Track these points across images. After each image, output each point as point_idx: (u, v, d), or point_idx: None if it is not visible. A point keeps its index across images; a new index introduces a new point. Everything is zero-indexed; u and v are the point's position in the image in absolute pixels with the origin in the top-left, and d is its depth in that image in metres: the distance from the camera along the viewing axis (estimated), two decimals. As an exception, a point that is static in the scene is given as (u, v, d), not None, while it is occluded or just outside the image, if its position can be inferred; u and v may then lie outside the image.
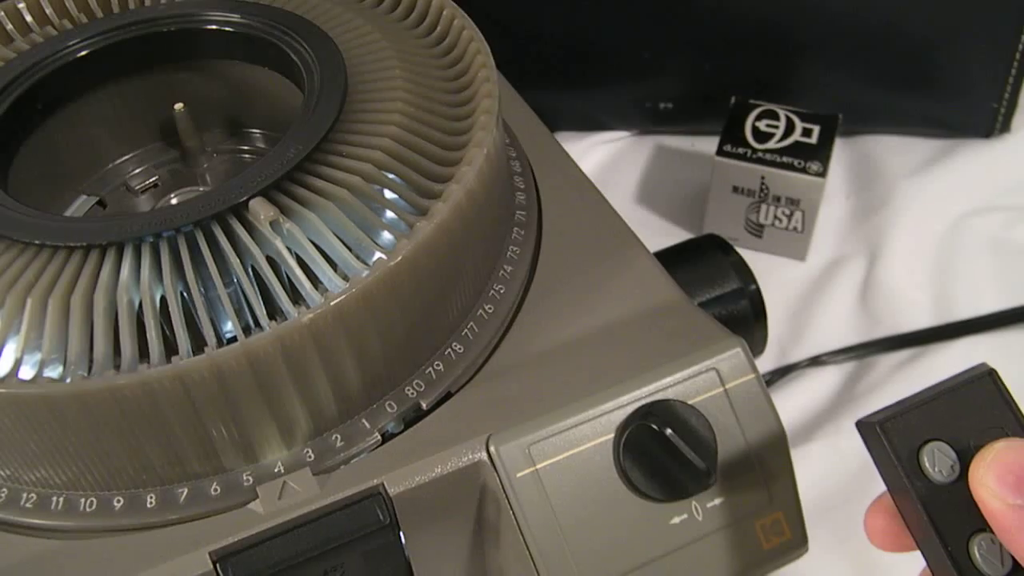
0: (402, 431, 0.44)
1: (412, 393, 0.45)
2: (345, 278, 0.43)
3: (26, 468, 0.42)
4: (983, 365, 0.39)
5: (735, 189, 0.73)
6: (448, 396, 0.46)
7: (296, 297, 0.43)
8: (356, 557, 0.42)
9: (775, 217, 0.74)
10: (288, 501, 0.41)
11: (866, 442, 0.40)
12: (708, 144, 0.84)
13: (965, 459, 0.37)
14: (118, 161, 0.58)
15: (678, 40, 0.79)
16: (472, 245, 0.47)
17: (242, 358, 0.39)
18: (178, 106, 0.56)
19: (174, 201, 0.55)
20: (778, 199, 0.72)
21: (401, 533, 0.43)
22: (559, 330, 0.48)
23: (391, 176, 0.46)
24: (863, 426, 0.40)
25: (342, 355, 0.42)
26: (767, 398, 0.46)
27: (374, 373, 0.44)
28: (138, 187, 0.57)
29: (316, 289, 0.42)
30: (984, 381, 0.39)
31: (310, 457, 0.43)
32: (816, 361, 0.71)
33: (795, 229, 0.74)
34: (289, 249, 0.43)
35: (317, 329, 0.40)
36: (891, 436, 0.38)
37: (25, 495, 0.43)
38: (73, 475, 0.42)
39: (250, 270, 0.43)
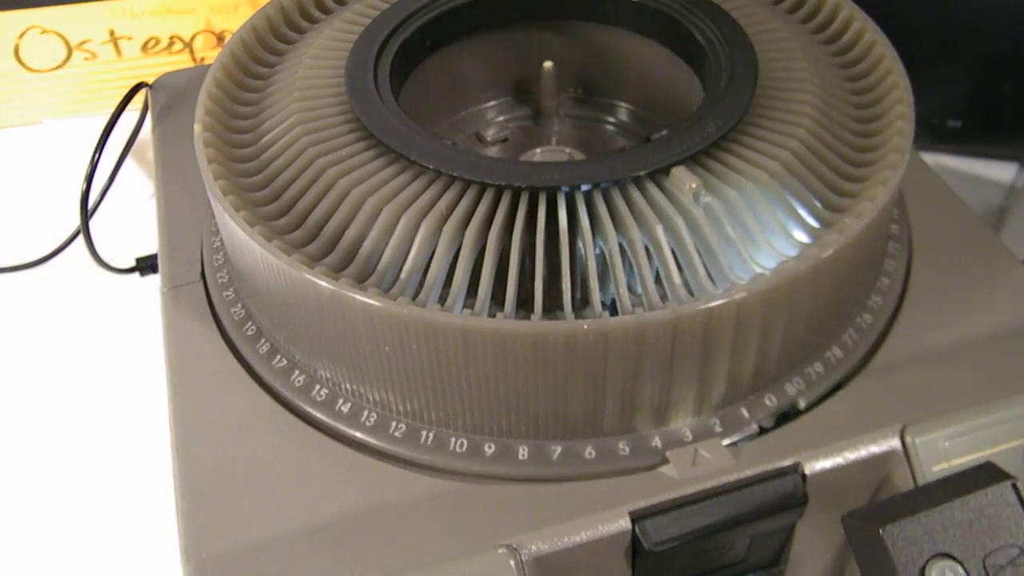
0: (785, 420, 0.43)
1: (815, 373, 0.44)
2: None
3: (431, 407, 0.42)
4: (1003, 474, 0.36)
5: (1039, 205, 0.72)
6: (834, 390, 0.44)
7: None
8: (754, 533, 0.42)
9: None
10: (703, 469, 0.41)
11: (857, 544, 0.35)
12: (985, 168, 0.82)
13: None
14: (471, 109, 0.59)
15: (978, 57, 0.77)
16: (872, 253, 0.46)
17: (697, 317, 0.38)
18: (547, 64, 0.55)
19: (538, 157, 0.55)
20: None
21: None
22: (937, 337, 0.46)
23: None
24: (856, 527, 0.35)
25: (775, 328, 0.41)
26: None
27: (787, 352, 0.43)
28: (490, 138, 0.57)
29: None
30: (1004, 492, 0.35)
31: (719, 428, 0.42)
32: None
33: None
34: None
35: (768, 299, 0.39)
36: (896, 545, 0.34)
37: (424, 433, 0.43)
38: (477, 420, 0.42)
39: (661, 235, 0.42)
